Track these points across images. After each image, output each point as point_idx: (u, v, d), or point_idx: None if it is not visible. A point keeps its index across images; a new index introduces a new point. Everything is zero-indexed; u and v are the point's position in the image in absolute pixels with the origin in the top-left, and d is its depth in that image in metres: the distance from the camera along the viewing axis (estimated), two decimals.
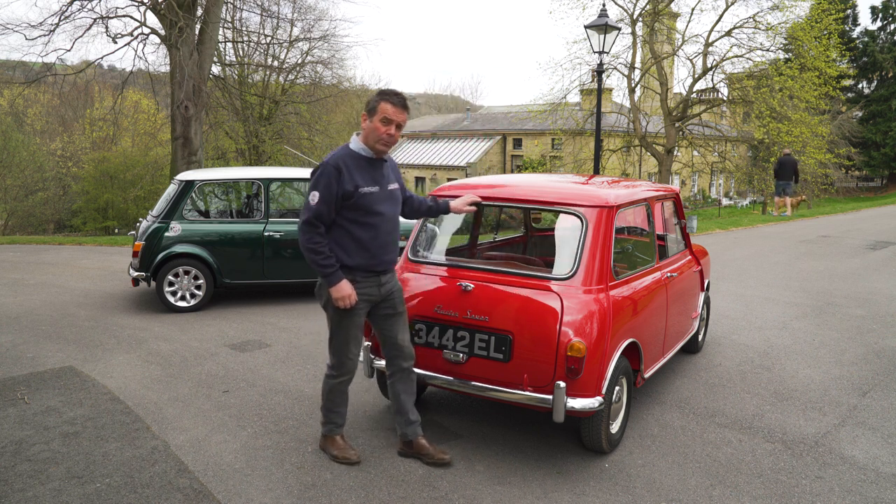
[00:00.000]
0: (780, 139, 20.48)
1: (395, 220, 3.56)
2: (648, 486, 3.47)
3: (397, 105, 3.37)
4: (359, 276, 3.44)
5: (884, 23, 44.85)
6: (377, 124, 3.36)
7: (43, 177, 29.66)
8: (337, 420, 3.69)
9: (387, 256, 3.50)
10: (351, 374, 3.60)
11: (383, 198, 3.45)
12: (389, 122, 3.36)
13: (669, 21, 24.28)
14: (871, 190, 45.39)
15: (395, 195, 3.56)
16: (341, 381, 3.60)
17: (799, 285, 8.52)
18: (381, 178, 3.46)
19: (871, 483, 3.55)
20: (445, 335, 3.73)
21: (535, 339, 3.49)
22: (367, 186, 3.38)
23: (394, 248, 3.55)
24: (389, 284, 3.58)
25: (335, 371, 3.58)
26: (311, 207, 3.31)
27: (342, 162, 3.34)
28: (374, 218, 3.41)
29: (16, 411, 4.27)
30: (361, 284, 3.45)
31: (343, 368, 3.57)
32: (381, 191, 3.45)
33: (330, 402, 3.66)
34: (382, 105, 3.35)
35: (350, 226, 3.38)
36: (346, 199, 3.34)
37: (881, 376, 5.16)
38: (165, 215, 7.00)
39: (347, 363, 3.56)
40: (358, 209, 3.37)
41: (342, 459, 3.62)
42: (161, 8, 13.75)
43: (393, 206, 3.53)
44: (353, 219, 3.38)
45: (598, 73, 13.33)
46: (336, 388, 3.62)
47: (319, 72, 23.55)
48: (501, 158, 39.40)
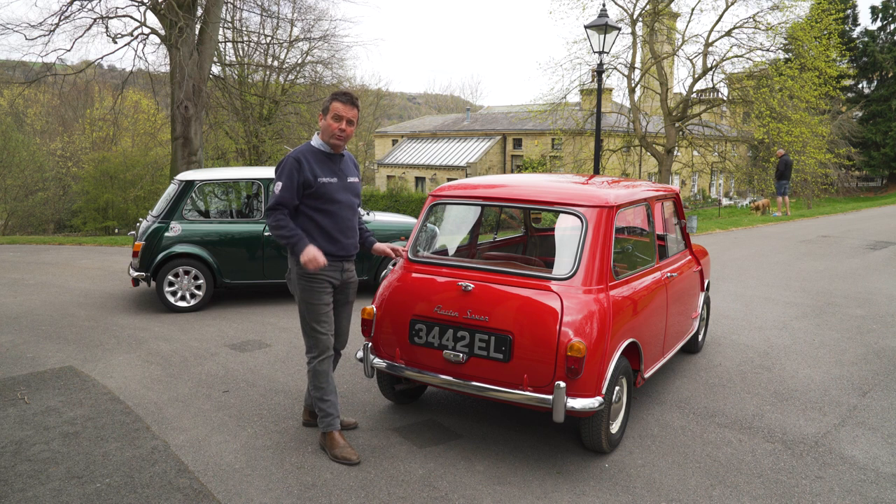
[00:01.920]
0: (780, 139, 20.48)
1: (353, 208, 3.83)
2: (648, 486, 3.48)
3: (346, 103, 3.67)
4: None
5: (884, 23, 44.84)
6: (330, 121, 3.67)
7: (43, 177, 29.66)
8: (330, 410, 3.75)
9: (347, 241, 3.79)
10: (327, 350, 3.74)
11: (341, 187, 3.75)
12: (340, 118, 3.66)
13: (669, 21, 24.28)
14: (871, 190, 45.38)
15: (353, 186, 3.85)
16: (320, 359, 3.73)
17: (799, 285, 8.52)
18: (339, 170, 3.77)
19: (871, 483, 3.55)
20: (445, 335, 3.73)
21: (536, 339, 3.49)
22: (325, 177, 3.68)
23: (353, 234, 3.84)
24: (350, 273, 3.87)
25: (311, 352, 3.75)
26: (275, 195, 3.63)
27: (302, 155, 3.66)
28: (334, 206, 3.71)
29: (16, 411, 4.27)
30: (326, 268, 3.68)
31: (318, 346, 3.72)
32: (339, 181, 3.74)
33: (317, 390, 3.74)
34: (333, 104, 3.67)
35: (312, 213, 3.67)
36: (307, 188, 3.63)
37: (881, 376, 5.16)
38: (165, 215, 7.01)
39: (320, 339, 3.72)
40: (318, 197, 3.66)
41: (342, 459, 3.64)
42: (161, 8, 13.76)
43: (351, 195, 3.81)
44: (315, 206, 3.67)
45: (598, 73, 13.33)
46: (318, 369, 3.73)
47: (319, 72, 23.58)
48: (501, 158, 39.39)
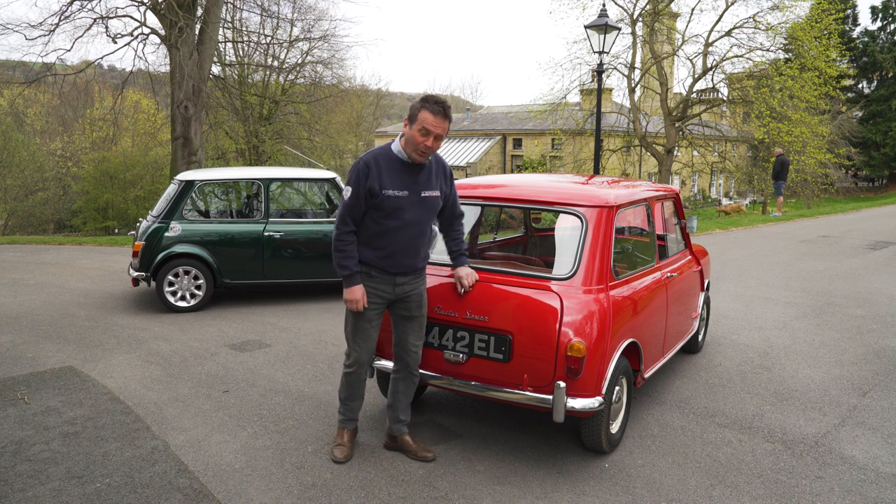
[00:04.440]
0: (781, 139, 20.49)
1: (422, 226, 3.47)
2: (648, 486, 3.47)
3: (437, 114, 3.25)
4: (374, 271, 3.50)
5: (884, 23, 44.84)
6: (415, 133, 3.28)
7: (43, 177, 29.63)
8: (347, 413, 3.74)
9: (406, 260, 3.48)
10: (358, 365, 3.62)
11: (411, 203, 3.40)
12: (428, 133, 3.27)
13: (669, 21, 24.27)
14: (871, 190, 45.38)
15: (429, 202, 3.47)
16: (349, 371, 3.65)
17: (799, 285, 8.51)
18: (414, 183, 3.40)
19: (871, 483, 3.55)
20: (445, 335, 3.73)
21: (536, 339, 3.49)
22: (393, 189, 3.34)
23: (415, 252, 3.50)
24: (408, 287, 3.56)
25: (346, 359, 3.68)
26: (344, 203, 3.38)
27: (374, 160, 3.35)
28: (395, 221, 3.39)
29: (16, 411, 4.27)
30: (376, 280, 3.49)
31: (350, 357, 3.64)
32: (411, 196, 3.39)
33: (342, 392, 3.73)
34: (422, 114, 3.26)
35: (373, 224, 3.41)
36: (372, 198, 3.34)
37: (881, 376, 5.16)
38: (165, 215, 7.00)
39: (353, 353, 3.62)
40: (380, 210, 3.36)
41: (331, 453, 3.68)
42: (161, 8, 13.75)
43: (423, 212, 3.46)
44: (377, 219, 3.39)
45: (598, 73, 13.34)
46: (347, 378, 3.68)
47: (319, 72, 23.55)
48: (501, 158, 39.40)
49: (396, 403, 3.75)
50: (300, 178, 7.83)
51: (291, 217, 7.65)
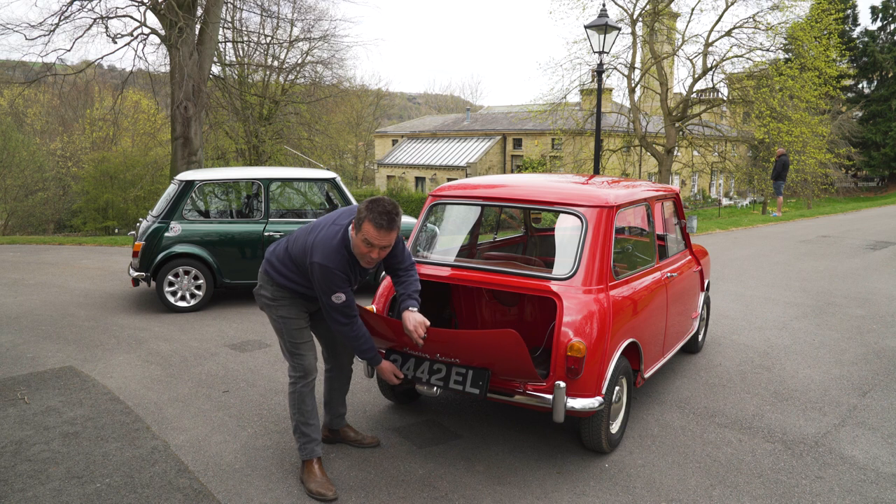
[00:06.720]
0: (781, 139, 20.49)
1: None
2: (648, 486, 3.48)
3: (381, 228, 3.00)
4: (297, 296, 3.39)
5: (884, 23, 44.83)
6: (359, 242, 3.09)
7: (43, 177, 29.65)
8: (313, 435, 3.43)
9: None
10: (307, 371, 3.43)
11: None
12: (371, 245, 3.06)
13: (669, 21, 24.28)
14: (871, 190, 45.37)
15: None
16: (301, 383, 3.42)
17: (799, 285, 8.52)
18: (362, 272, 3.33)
19: (871, 483, 3.55)
20: (421, 367, 3.54)
21: (514, 371, 3.35)
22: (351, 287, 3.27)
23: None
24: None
25: (293, 373, 3.45)
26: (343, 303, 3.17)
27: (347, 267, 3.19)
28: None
29: (16, 411, 4.27)
30: (298, 298, 3.39)
31: (297, 369, 3.43)
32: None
33: (300, 414, 3.42)
34: (365, 226, 3.02)
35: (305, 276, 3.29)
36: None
37: (881, 376, 5.16)
38: (165, 215, 7.00)
39: (300, 362, 3.43)
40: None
41: (316, 495, 3.26)
42: (161, 8, 13.75)
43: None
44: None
45: (598, 73, 13.33)
46: (300, 394, 3.42)
47: (319, 72, 23.57)
48: (501, 158, 39.39)
49: (333, 400, 3.84)
50: (300, 178, 7.83)
51: (291, 217, 7.65)
